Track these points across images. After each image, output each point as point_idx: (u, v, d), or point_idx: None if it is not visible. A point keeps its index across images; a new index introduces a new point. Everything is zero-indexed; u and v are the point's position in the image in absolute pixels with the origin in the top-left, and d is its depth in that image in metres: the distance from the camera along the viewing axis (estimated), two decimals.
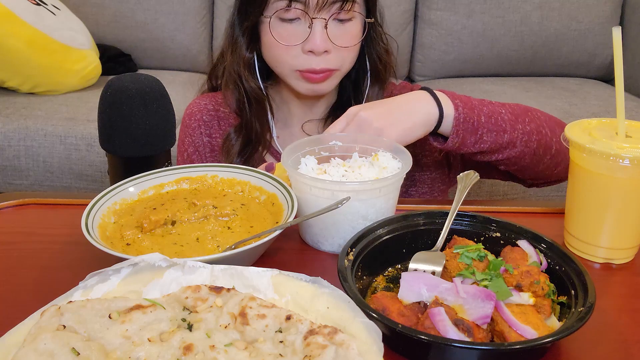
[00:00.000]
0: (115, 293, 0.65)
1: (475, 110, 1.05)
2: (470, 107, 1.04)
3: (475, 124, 1.04)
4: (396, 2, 2.76)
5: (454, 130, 1.03)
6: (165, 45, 2.86)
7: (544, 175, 1.17)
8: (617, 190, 0.80)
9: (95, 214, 0.81)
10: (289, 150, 0.91)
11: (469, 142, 1.05)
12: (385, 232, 0.80)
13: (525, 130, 1.08)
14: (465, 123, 1.03)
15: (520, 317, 0.64)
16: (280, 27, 1.17)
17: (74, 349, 0.55)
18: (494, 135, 1.05)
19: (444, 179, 1.29)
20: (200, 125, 1.33)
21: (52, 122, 2.20)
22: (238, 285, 0.66)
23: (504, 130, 1.06)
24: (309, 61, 1.16)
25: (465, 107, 1.03)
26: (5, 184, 2.22)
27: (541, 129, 1.10)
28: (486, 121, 1.05)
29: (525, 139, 1.08)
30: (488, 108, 1.07)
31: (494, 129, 1.05)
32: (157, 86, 0.93)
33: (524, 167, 1.12)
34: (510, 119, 1.07)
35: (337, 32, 1.16)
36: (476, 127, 1.04)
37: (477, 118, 1.04)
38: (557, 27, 2.80)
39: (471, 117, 1.04)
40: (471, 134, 1.04)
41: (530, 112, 1.12)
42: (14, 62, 2.27)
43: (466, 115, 1.03)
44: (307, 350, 0.56)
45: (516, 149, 1.08)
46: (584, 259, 0.85)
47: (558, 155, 1.14)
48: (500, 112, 1.07)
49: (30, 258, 0.83)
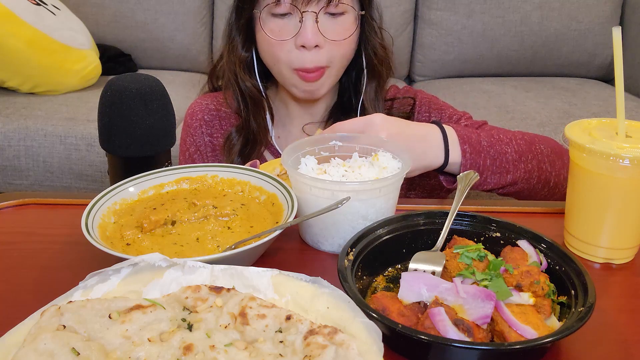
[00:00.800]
0: (115, 293, 0.65)
1: (482, 154, 1.07)
2: (478, 151, 1.06)
3: (480, 169, 1.06)
4: (396, 2, 2.76)
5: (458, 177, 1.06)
6: (165, 45, 2.86)
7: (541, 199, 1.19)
8: (617, 190, 0.80)
9: (95, 214, 0.81)
10: (289, 150, 0.91)
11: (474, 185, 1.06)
12: (385, 232, 0.80)
13: (527, 169, 1.10)
14: (471, 168, 1.05)
15: (520, 317, 0.64)
16: (272, 22, 1.17)
17: (74, 349, 0.55)
18: (497, 177, 1.08)
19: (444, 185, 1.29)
20: (202, 125, 1.33)
21: (52, 122, 2.20)
22: (238, 285, 0.66)
23: (507, 172, 1.09)
24: (302, 58, 1.16)
25: (472, 153, 1.05)
26: (5, 184, 2.22)
27: (542, 164, 1.12)
28: (491, 164, 1.07)
29: (526, 177, 1.10)
30: (495, 149, 1.08)
31: (497, 172, 1.08)
32: (157, 86, 0.93)
33: (521, 197, 1.16)
34: (514, 159, 1.09)
35: (329, 26, 1.15)
36: (481, 172, 1.06)
37: (482, 162, 1.06)
38: (557, 27, 2.80)
39: (477, 162, 1.06)
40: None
41: (534, 145, 1.13)
42: (14, 62, 2.27)
43: (473, 161, 1.05)
44: (307, 350, 0.56)
45: (517, 186, 1.11)
46: (584, 259, 0.85)
47: (556, 187, 1.16)
48: (505, 153, 1.09)
49: (30, 258, 0.83)
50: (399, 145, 0.91)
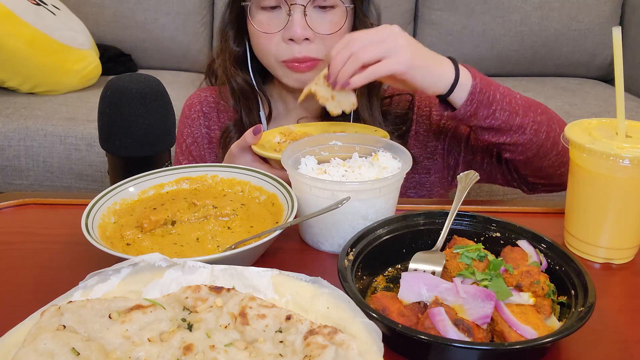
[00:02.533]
0: (115, 293, 0.65)
1: (492, 86, 1.04)
2: (488, 81, 1.04)
3: (490, 98, 1.03)
4: (396, 2, 2.76)
5: (469, 97, 1.02)
6: (165, 45, 2.86)
7: (547, 174, 1.16)
8: (617, 190, 0.80)
9: (95, 214, 0.81)
10: (289, 150, 0.91)
11: (481, 114, 1.04)
12: (385, 232, 0.80)
13: (536, 120, 1.07)
14: (481, 94, 1.02)
15: (520, 317, 0.64)
16: (260, 14, 1.17)
17: (74, 349, 0.55)
18: (506, 115, 1.04)
19: (444, 183, 1.29)
20: (200, 117, 1.34)
21: (52, 122, 2.20)
22: (238, 285, 0.66)
23: (517, 113, 1.05)
24: (291, 50, 1.16)
25: (482, 80, 1.03)
26: (5, 184, 2.22)
27: (551, 123, 1.09)
28: (501, 99, 1.04)
29: (535, 127, 1.07)
30: (504, 89, 1.06)
31: (507, 109, 1.04)
32: (157, 86, 0.93)
33: (529, 158, 1.11)
34: (523, 105, 1.07)
35: (318, 20, 1.15)
36: (491, 102, 1.03)
37: (492, 93, 1.03)
38: (557, 27, 2.80)
39: (487, 90, 1.03)
40: (485, 107, 1.03)
41: (542, 106, 1.12)
42: (14, 62, 2.27)
43: (483, 87, 1.02)
44: (307, 350, 0.56)
45: (525, 136, 1.07)
46: (584, 259, 0.85)
47: (565, 154, 1.11)
48: (515, 96, 1.07)
49: (30, 258, 0.83)
50: (399, 146, 0.91)
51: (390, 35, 0.98)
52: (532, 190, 1.24)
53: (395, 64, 0.96)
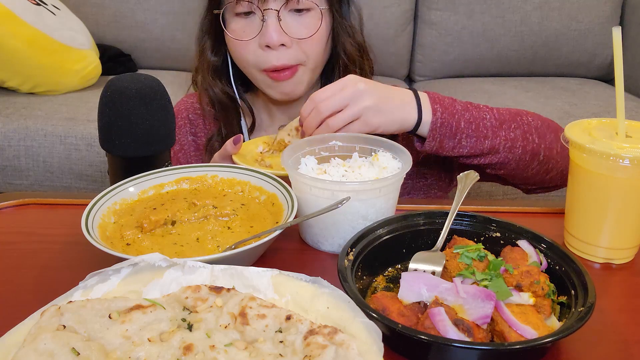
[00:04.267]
0: (115, 293, 0.65)
1: (456, 115, 1.05)
2: (451, 112, 1.05)
3: (453, 129, 1.04)
4: (396, 2, 2.76)
5: (431, 134, 1.04)
6: (165, 45, 2.86)
7: (535, 181, 1.17)
8: (617, 190, 0.80)
9: (95, 214, 0.81)
10: (289, 150, 0.91)
11: (447, 146, 1.06)
12: (385, 232, 0.80)
13: (508, 137, 1.08)
14: (443, 128, 1.04)
15: (520, 317, 0.64)
16: (235, 22, 1.15)
17: (74, 349, 0.55)
18: (473, 141, 1.06)
19: (441, 185, 1.28)
20: (186, 124, 1.32)
21: (52, 122, 2.20)
22: (238, 285, 0.66)
23: (485, 137, 1.06)
24: (269, 57, 1.14)
25: (444, 112, 1.04)
26: (5, 184, 2.22)
27: (527, 135, 1.09)
28: (466, 127, 1.05)
29: (508, 145, 1.07)
30: (471, 114, 1.07)
31: (473, 135, 1.06)
32: (157, 86, 0.93)
33: (510, 172, 1.12)
34: (493, 125, 1.07)
35: (293, 24, 1.13)
36: (454, 132, 1.05)
37: (456, 124, 1.04)
38: (557, 27, 2.80)
39: (449, 122, 1.04)
40: (449, 139, 1.05)
41: (520, 117, 1.11)
42: (14, 62, 2.27)
43: (444, 121, 1.04)
44: (307, 350, 0.56)
45: (499, 155, 1.08)
46: (584, 259, 0.85)
47: (548, 162, 1.13)
48: (483, 118, 1.07)
49: (30, 258, 0.83)
50: (399, 146, 0.91)
51: (349, 83, 1.00)
52: (530, 192, 1.24)
53: (363, 127, 1.00)
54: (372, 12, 2.69)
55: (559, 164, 1.14)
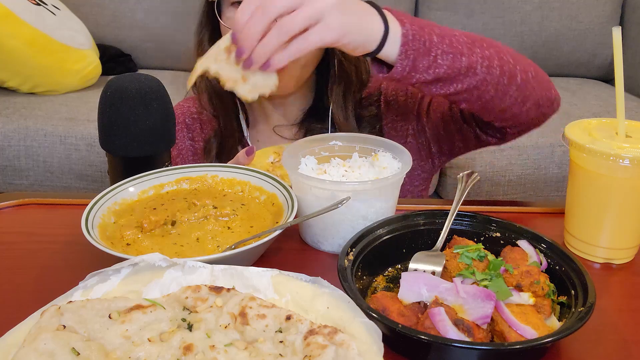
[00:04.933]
0: (115, 293, 0.65)
1: (426, 29, 0.88)
2: (419, 25, 0.88)
3: (427, 44, 0.87)
4: (396, 2, 2.76)
5: (402, 50, 0.86)
6: (165, 45, 2.86)
7: (512, 114, 1.03)
8: (617, 190, 0.80)
9: (95, 214, 0.81)
10: (289, 150, 0.91)
11: (422, 65, 0.88)
12: (385, 232, 0.80)
13: (485, 55, 0.93)
14: (415, 42, 0.86)
15: (520, 317, 0.64)
16: (230, 11, 1.15)
17: (74, 349, 0.55)
18: (450, 58, 0.89)
19: (424, 166, 1.25)
20: (183, 129, 1.32)
21: (52, 122, 2.20)
22: (238, 285, 0.66)
23: (461, 53, 0.90)
24: None
25: (413, 24, 0.87)
26: (5, 184, 2.22)
27: (502, 55, 0.96)
28: (439, 41, 0.88)
29: (486, 64, 0.92)
30: (440, 29, 0.90)
31: (449, 51, 0.89)
32: (157, 86, 0.93)
33: (488, 102, 0.97)
34: (466, 42, 0.92)
35: None
36: (428, 48, 0.87)
37: (428, 37, 0.87)
38: (557, 27, 2.80)
39: (421, 35, 0.87)
40: (423, 56, 0.87)
41: (487, 39, 0.98)
42: (14, 62, 2.27)
43: (415, 33, 0.86)
44: (307, 350, 0.56)
45: (477, 76, 0.92)
46: (584, 259, 0.85)
47: (525, 87, 0.99)
48: (454, 34, 0.91)
49: (30, 258, 0.83)
50: (399, 146, 0.91)
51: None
52: (504, 138, 1.14)
53: (326, 32, 0.80)
54: None
55: (535, 92, 1.02)
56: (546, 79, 1.07)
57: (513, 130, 1.11)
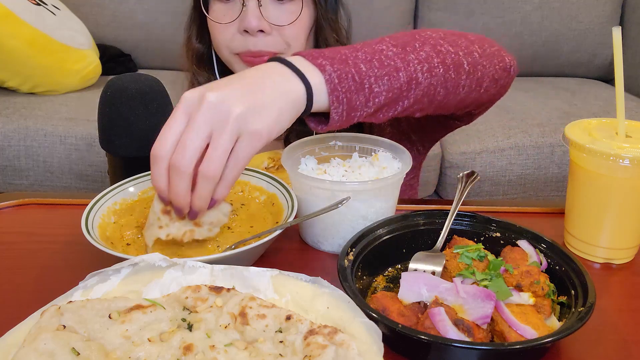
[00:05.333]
0: (115, 293, 0.65)
1: (350, 60, 0.79)
2: (340, 59, 0.78)
3: (356, 77, 0.78)
4: (396, 2, 2.76)
5: (333, 98, 0.76)
6: (165, 45, 2.86)
7: (472, 101, 0.96)
8: (617, 190, 0.80)
9: (95, 214, 0.81)
10: (289, 150, 0.91)
11: (359, 102, 0.78)
12: (385, 232, 0.80)
13: (421, 58, 0.83)
14: (342, 82, 0.77)
15: (520, 317, 0.64)
16: (216, 6, 1.15)
17: (74, 349, 0.55)
18: (386, 81, 0.80)
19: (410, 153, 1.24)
20: None
21: (52, 122, 2.20)
22: (238, 285, 0.66)
23: (396, 69, 0.81)
24: (245, 42, 1.13)
25: (334, 63, 0.77)
26: (5, 184, 2.22)
27: (439, 47, 0.86)
28: (368, 68, 0.79)
29: (426, 67, 0.83)
30: (364, 50, 0.81)
31: (382, 73, 0.80)
32: (157, 86, 0.93)
33: (442, 102, 0.89)
34: (397, 53, 0.82)
35: (274, 12, 1.12)
36: (359, 81, 0.78)
37: (355, 69, 0.78)
38: (557, 27, 2.80)
39: (347, 72, 0.77)
40: (357, 92, 0.78)
41: (417, 34, 0.88)
42: (14, 62, 2.27)
43: (340, 73, 0.76)
44: (307, 350, 0.56)
45: (421, 85, 0.83)
46: (584, 259, 0.85)
47: (476, 70, 0.90)
48: (381, 50, 0.82)
49: (30, 258, 0.83)
50: (399, 146, 0.91)
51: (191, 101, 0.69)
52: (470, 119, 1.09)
53: (254, 142, 0.70)
54: (372, 12, 2.69)
55: (487, 69, 0.93)
56: (495, 48, 0.97)
57: (478, 110, 1.06)
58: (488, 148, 2.21)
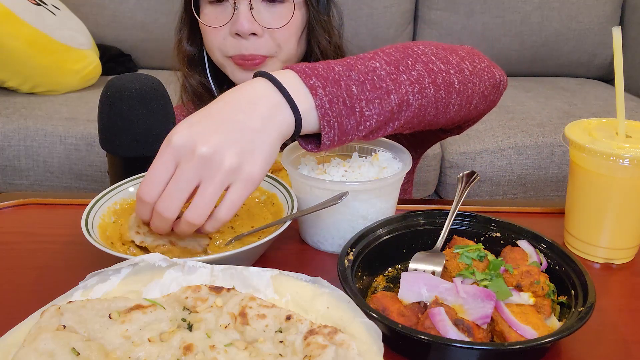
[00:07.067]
0: (115, 293, 0.65)
1: (342, 81, 0.76)
2: (333, 80, 0.76)
3: (347, 102, 0.76)
4: (396, 2, 2.76)
5: (324, 123, 0.74)
6: (165, 45, 2.84)
7: (461, 117, 0.95)
8: (617, 190, 0.80)
9: (95, 214, 0.81)
10: (289, 150, 0.91)
11: (350, 127, 0.77)
12: (385, 232, 0.80)
13: (412, 79, 0.81)
14: (334, 106, 0.74)
15: (520, 317, 0.64)
16: (208, 9, 1.16)
17: (74, 349, 0.55)
18: (377, 104, 0.78)
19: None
20: None
21: (52, 122, 2.20)
22: (238, 285, 0.66)
23: (387, 91, 0.79)
24: (238, 46, 1.13)
25: (326, 85, 0.75)
26: (5, 184, 2.22)
27: (431, 65, 0.85)
28: (360, 91, 0.77)
29: (417, 88, 0.81)
30: (357, 70, 0.78)
31: (374, 97, 0.78)
32: (157, 86, 0.93)
33: (431, 121, 0.88)
34: (390, 72, 0.80)
35: (265, 14, 1.13)
36: (351, 105, 0.76)
37: (346, 92, 0.76)
38: (557, 27, 2.81)
39: (338, 95, 0.75)
40: (348, 116, 0.76)
41: (410, 49, 0.86)
42: (14, 62, 2.27)
43: (331, 97, 0.74)
44: (307, 350, 0.56)
45: (412, 107, 0.82)
46: (584, 259, 0.85)
47: (466, 88, 0.89)
48: (374, 69, 0.79)
49: (30, 258, 0.83)
50: (399, 146, 0.91)
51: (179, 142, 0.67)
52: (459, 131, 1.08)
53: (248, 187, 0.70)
54: (372, 12, 2.69)
55: (477, 86, 0.92)
56: (484, 64, 0.98)
57: (467, 125, 1.06)
58: (488, 148, 2.21)
